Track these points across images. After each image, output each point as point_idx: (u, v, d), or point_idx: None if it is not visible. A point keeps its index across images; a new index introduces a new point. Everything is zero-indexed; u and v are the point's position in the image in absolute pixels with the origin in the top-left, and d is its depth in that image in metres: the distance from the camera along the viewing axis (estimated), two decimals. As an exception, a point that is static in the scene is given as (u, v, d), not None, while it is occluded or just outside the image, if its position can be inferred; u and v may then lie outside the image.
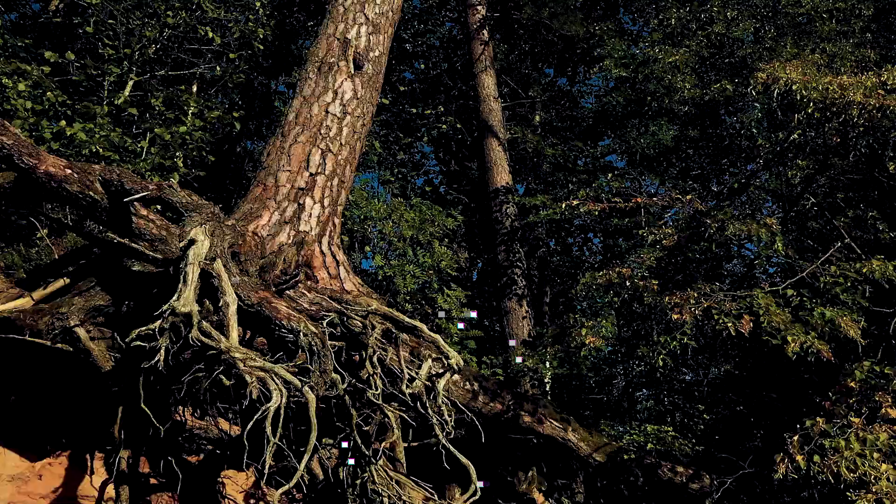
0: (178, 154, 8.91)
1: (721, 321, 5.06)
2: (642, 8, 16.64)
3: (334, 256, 6.26)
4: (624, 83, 10.43)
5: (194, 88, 11.84)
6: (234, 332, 4.90)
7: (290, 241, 6.00)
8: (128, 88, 10.16)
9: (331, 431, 5.84)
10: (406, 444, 6.14)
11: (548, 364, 8.43)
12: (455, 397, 6.32)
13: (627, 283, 6.11)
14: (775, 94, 5.57)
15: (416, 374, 5.69)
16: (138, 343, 4.55)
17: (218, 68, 9.94)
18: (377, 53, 7.02)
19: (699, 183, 12.55)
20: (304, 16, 15.95)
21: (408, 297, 6.86)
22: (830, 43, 11.93)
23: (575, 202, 6.43)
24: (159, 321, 4.54)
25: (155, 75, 10.66)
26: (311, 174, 6.32)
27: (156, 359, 4.53)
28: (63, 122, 9.26)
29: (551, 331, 6.94)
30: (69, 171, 5.15)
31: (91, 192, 5.14)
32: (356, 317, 5.61)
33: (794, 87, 5.36)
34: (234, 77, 9.90)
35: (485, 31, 12.95)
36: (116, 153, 9.27)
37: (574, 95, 17.92)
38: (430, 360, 5.84)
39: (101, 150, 9.29)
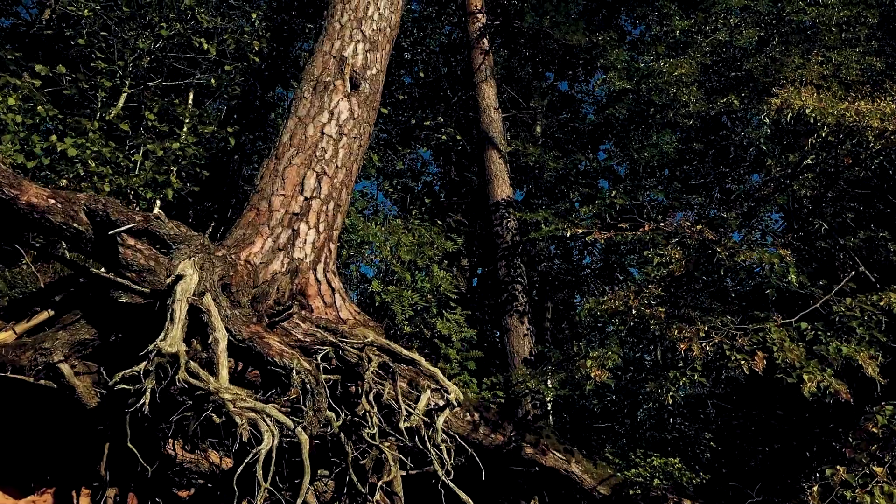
0: (171, 169, 8.70)
1: (734, 358, 4.84)
2: (645, 15, 16.45)
3: (330, 284, 6.05)
4: (627, 94, 10.20)
5: (191, 97, 11.65)
6: (224, 369, 4.69)
7: (283, 270, 5.78)
8: (121, 101, 9.95)
9: (326, 463, 5.65)
10: (404, 473, 5.95)
11: (549, 384, 8.21)
12: (455, 429, 6.12)
13: (633, 312, 5.89)
14: (788, 118, 5.36)
15: (414, 407, 5.50)
16: (123, 386, 4.34)
17: (213, 80, 9.71)
18: (374, 71, 6.80)
19: (703, 192, 12.35)
20: (304, 19, 15.77)
21: (406, 320, 6.64)
22: (836, 52, 11.74)
23: (580, 230, 6.22)
24: (144, 363, 4.33)
25: (149, 86, 10.45)
26: (305, 198, 6.10)
27: (141, 401, 4.32)
28: (54, 137, 9.06)
29: (555, 356, 6.71)
30: (52, 200, 4.93)
31: (75, 224, 4.93)
32: (352, 349, 5.40)
33: (807, 112, 5.14)
34: (230, 89, 9.68)
35: (485, 40, 12.74)
36: (109, 167, 9.08)
37: (576, 100, 17.73)
38: (428, 392, 5.64)
39: (93, 164, 9.10)
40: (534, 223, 9.79)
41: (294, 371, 4.85)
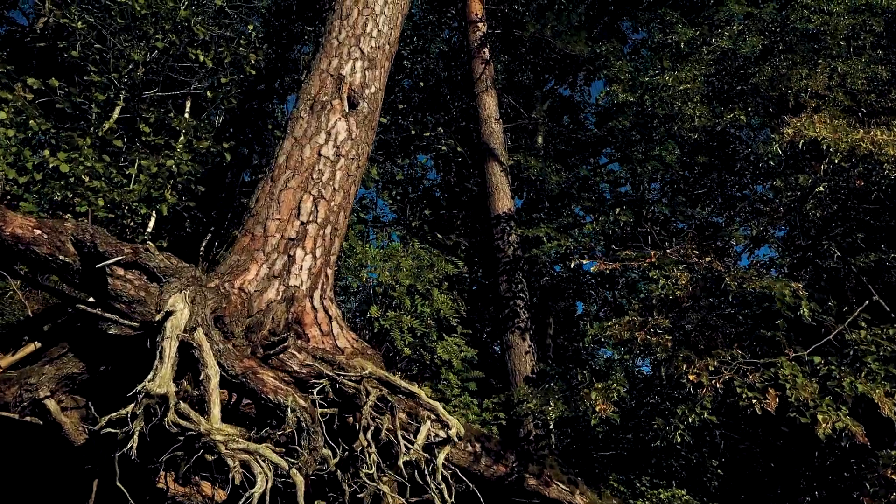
0: (166, 185, 8.53)
1: (745, 395, 4.67)
2: (648, 21, 16.26)
3: (326, 311, 5.87)
4: (631, 107, 10.02)
5: (187, 106, 11.47)
6: (216, 408, 4.51)
7: (279, 298, 5.61)
8: (115, 113, 9.77)
9: (323, 496, 5.49)
10: (403, 501, 5.78)
11: (552, 407, 8.04)
12: (456, 461, 5.95)
13: (638, 340, 5.72)
14: (800, 146, 5.19)
15: (413, 440, 5.34)
16: (109, 430, 4.16)
17: (209, 93, 9.54)
18: (373, 90, 6.62)
19: (707, 200, 12.17)
20: (303, 23, 15.59)
21: (406, 346, 6.46)
22: (841, 61, 11.57)
23: (584, 261, 6.04)
24: (132, 405, 4.15)
25: (143, 98, 10.28)
26: (301, 223, 5.92)
27: (129, 445, 4.14)
28: (47, 152, 8.89)
29: (558, 385, 6.54)
30: (38, 231, 4.76)
31: (62, 256, 4.75)
32: (350, 382, 5.23)
33: (821, 140, 4.97)
34: (226, 101, 9.50)
35: (486, 50, 12.55)
36: (103, 181, 8.90)
37: (577, 105, 17.54)
38: (427, 423, 5.48)
39: (86, 178, 8.93)
40: (535, 234, 9.60)
41: (289, 409, 4.67)
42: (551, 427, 9.45)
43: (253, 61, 9.18)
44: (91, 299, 5.21)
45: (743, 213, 14.96)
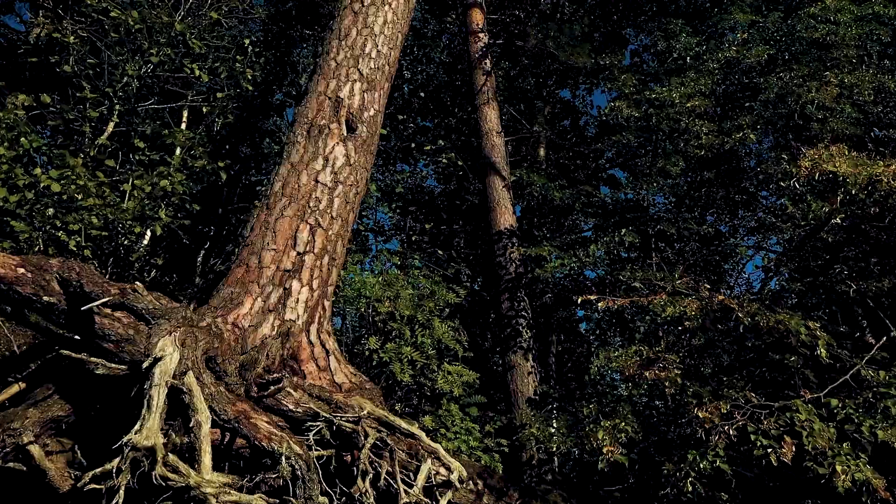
0: (160, 204, 8.33)
1: (759, 444, 4.46)
2: (651, 31, 16.06)
3: (324, 346, 5.66)
4: (636, 121, 9.82)
5: (185, 114, 11.26)
6: (207, 456, 4.32)
7: (274, 333, 5.40)
8: (109, 128, 9.58)
9: (320, 537, 5.28)
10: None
11: (555, 440, 7.84)
12: (457, 500, 5.76)
13: (646, 375, 5.52)
14: (816, 177, 5.00)
15: (414, 480, 5.14)
16: (94, 486, 3.96)
17: (205, 108, 9.34)
18: (372, 113, 6.42)
19: (713, 211, 11.96)
20: (302, 26, 15.41)
21: (406, 377, 6.25)
22: (848, 72, 11.38)
23: (591, 297, 5.84)
24: (118, 459, 3.95)
25: (139, 112, 10.08)
26: (298, 253, 5.72)
27: (114, 501, 3.95)
28: (38, 170, 8.69)
29: (563, 419, 6.33)
30: (21, 270, 4.55)
31: (46, 297, 4.55)
32: (347, 424, 5.03)
33: (839, 173, 4.79)
34: (222, 117, 9.30)
35: (487, 61, 12.35)
36: (96, 199, 8.71)
37: (578, 110, 17.33)
38: (428, 462, 5.28)
39: (79, 196, 8.73)
40: (538, 253, 9.39)
41: (283, 457, 4.48)
42: (555, 450, 9.25)
43: (250, 76, 8.98)
44: (78, 337, 5.01)
45: (747, 224, 14.75)
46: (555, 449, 8.47)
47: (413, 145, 12.41)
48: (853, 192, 4.92)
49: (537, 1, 12.48)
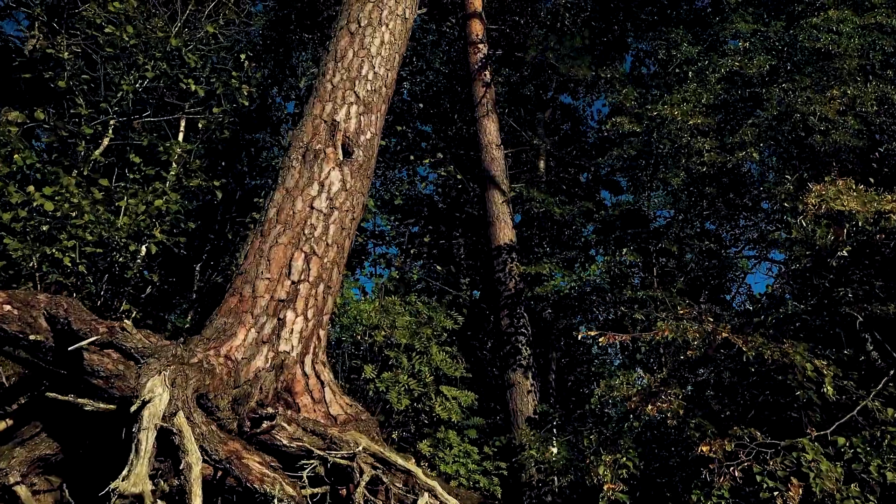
0: (155, 223, 8.22)
1: (766, 486, 4.34)
2: (653, 39, 15.92)
3: (318, 377, 5.55)
4: (637, 136, 9.70)
5: (182, 124, 11.15)
6: (198, 499, 4.19)
7: (267, 366, 5.29)
8: (104, 143, 9.46)
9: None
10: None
11: (554, 453, 7.74)
12: (455, 534, 5.64)
13: (650, 408, 5.40)
14: (823, 212, 4.89)
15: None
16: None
17: (201, 124, 9.23)
18: (369, 136, 6.30)
19: (714, 221, 11.85)
20: (301, 30, 15.30)
21: (402, 407, 6.13)
22: (851, 85, 11.28)
23: (591, 333, 5.73)
24: (104, 508, 3.84)
25: (134, 127, 9.97)
26: (293, 282, 5.60)
27: (101, 551, 3.83)
28: (32, 188, 8.58)
29: (562, 449, 6.21)
30: (8, 307, 4.44)
31: (33, 335, 4.43)
32: (342, 461, 4.92)
33: (847, 211, 4.68)
34: (218, 132, 9.19)
35: (487, 73, 12.23)
36: (90, 215, 8.60)
37: (580, 118, 17.22)
38: (425, 497, 5.16)
39: (72, 215, 8.62)
40: (537, 272, 9.27)
41: (276, 499, 4.36)
42: (555, 475, 9.12)
43: (246, 92, 8.86)
44: (66, 372, 4.90)
45: (749, 234, 14.62)
46: (555, 480, 8.37)
47: (412, 157, 12.30)
48: (860, 224, 4.80)
49: (537, 13, 12.36)
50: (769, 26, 12.78)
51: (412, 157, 12.49)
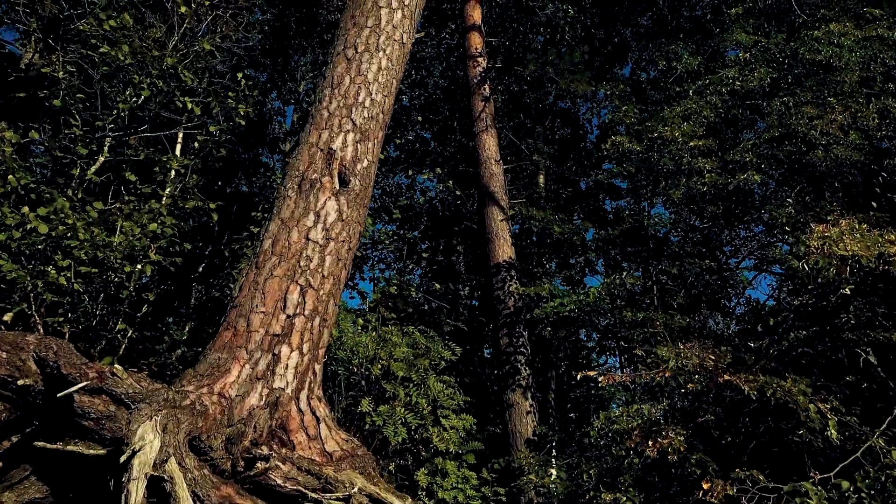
0: (150, 246, 8.14)
1: (768, 534, 4.27)
2: (652, 51, 15.86)
3: (314, 413, 5.47)
4: (637, 154, 9.62)
5: (179, 138, 11.07)
6: (190, 548, 4.12)
7: (262, 403, 5.20)
8: (100, 161, 9.38)
9: None
10: None
11: (554, 479, 7.66)
12: (452, 572, 5.58)
13: (650, 448, 5.32)
14: (826, 253, 4.81)
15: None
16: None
17: (197, 143, 9.14)
18: (365, 164, 6.22)
19: (716, 241, 11.77)
20: (301, 38, 15.25)
21: (399, 441, 6.05)
22: (853, 99, 11.22)
23: (591, 373, 5.64)
24: (92, 563, 3.76)
25: (129, 143, 9.89)
26: (288, 316, 5.52)
27: None
28: (26, 209, 8.51)
29: (563, 486, 6.13)
30: (-4, 350, 4.36)
31: (22, 379, 4.35)
32: (337, 503, 4.84)
33: (850, 255, 4.60)
34: (215, 152, 9.11)
35: (486, 87, 12.15)
36: (86, 234, 8.53)
37: (580, 126, 17.14)
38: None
39: (68, 235, 8.55)
40: (537, 293, 9.19)
41: (269, 548, 4.29)
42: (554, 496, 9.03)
43: (242, 112, 8.78)
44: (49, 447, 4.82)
45: (749, 245, 14.53)
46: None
47: (410, 171, 12.22)
48: (864, 262, 4.73)
49: (536, 26, 12.27)
50: (770, 38, 12.73)
51: (410, 172, 12.42)
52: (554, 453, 9.19)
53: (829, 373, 7.33)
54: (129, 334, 9.81)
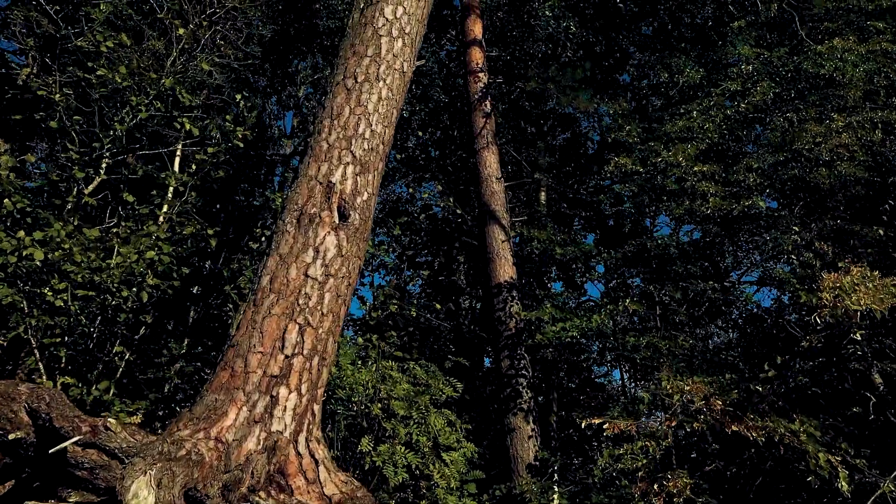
0: (146, 272, 8.05)
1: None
2: (655, 64, 15.76)
3: (313, 456, 5.36)
4: (640, 174, 9.52)
5: (178, 151, 10.98)
6: None
7: (259, 448, 5.10)
8: (95, 182, 9.29)
9: None
10: None
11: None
12: None
13: (656, 488, 5.21)
14: (836, 302, 4.72)
15: None
16: None
17: (195, 165, 9.05)
18: (365, 197, 6.12)
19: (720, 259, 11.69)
20: (300, 43, 15.17)
21: (399, 481, 5.95)
22: (856, 115, 11.15)
23: (595, 420, 5.55)
24: None
25: (128, 161, 9.80)
26: (286, 356, 5.42)
27: None
28: (22, 233, 8.42)
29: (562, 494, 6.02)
30: (-13, 402, 4.26)
31: (13, 433, 4.25)
32: (336, 552, 4.74)
33: (864, 309, 4.51)
34: (213, 173, 9.01)
35: (487, 103, 12.05)
36: (84, 256, 8.44)
37: (580, 132, 17.03)
38: (424, 581, 4.99)
39: (64, 260, 8.46)
40: (538, 317, 9.09)
41: None
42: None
43: (240, 135, 8.68)
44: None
45: (752, 257, 14.42)
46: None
47: (410, 190, 12.12)
48: (878, 316, 4.64)
49: (537, 40, 12.17)
50: (772, 50, 12.65)
51: (411, 181, 12.32)
52: (556, 478, 9.08)
53: (836, 403, 7.23)
54: (126, 356, 9.71)
